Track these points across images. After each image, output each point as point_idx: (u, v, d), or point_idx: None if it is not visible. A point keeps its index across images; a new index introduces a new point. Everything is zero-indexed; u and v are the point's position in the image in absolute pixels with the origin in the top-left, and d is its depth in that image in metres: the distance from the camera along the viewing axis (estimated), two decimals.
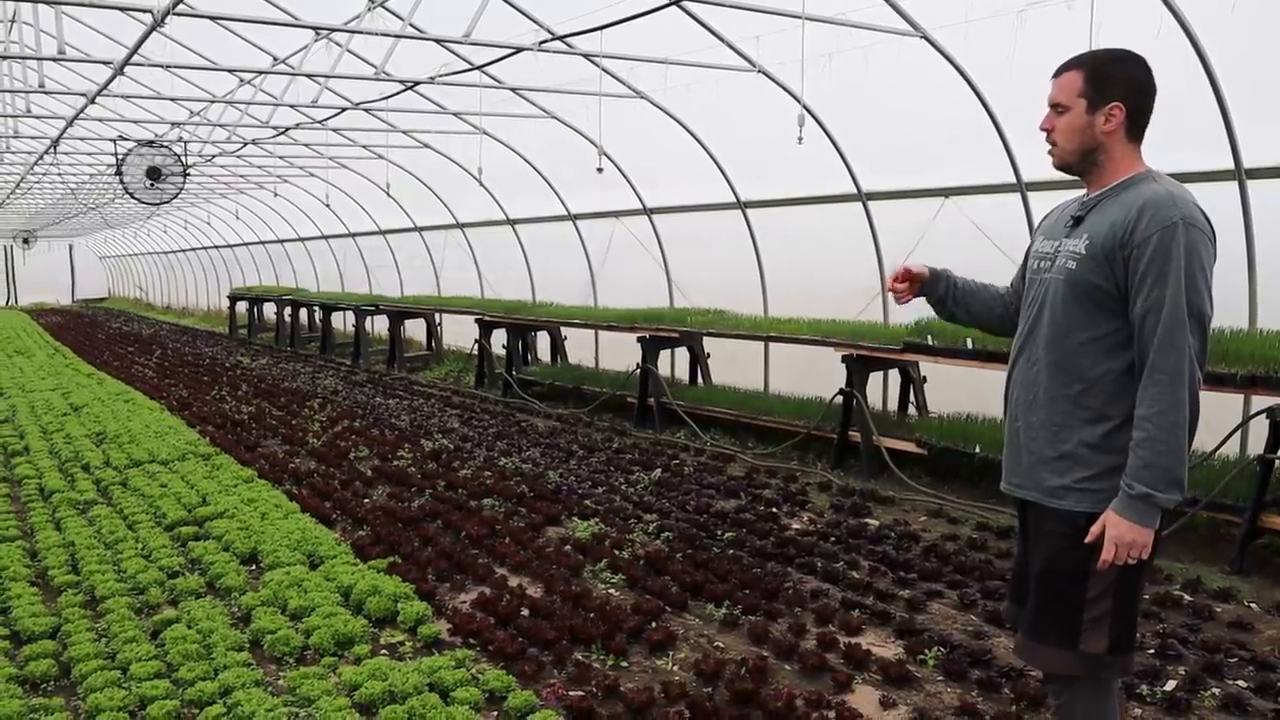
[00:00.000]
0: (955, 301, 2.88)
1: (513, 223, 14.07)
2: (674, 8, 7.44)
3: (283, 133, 12.94)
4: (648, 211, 11.44)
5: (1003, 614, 4.55)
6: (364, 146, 14.28)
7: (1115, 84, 2.44)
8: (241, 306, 22.01)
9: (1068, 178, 2.66)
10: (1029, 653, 2.66)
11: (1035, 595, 2.60)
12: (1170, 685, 3.90)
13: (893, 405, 8.57)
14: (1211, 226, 2.38)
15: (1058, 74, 2.52)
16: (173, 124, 13.07)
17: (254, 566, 5.50)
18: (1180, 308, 2.30)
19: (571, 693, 3.85)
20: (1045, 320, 2.55)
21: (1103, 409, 2.45)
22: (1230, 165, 6.47)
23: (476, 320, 12.58)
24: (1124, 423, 2.43)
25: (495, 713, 3.76)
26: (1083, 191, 2.66)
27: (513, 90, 10.22)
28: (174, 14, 6.34)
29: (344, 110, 11.51)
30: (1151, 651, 4.24)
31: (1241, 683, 3.95)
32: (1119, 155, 2.47)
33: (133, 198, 12.07)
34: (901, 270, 2.87)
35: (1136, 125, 2.47)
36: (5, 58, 8.64)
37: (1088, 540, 2.42)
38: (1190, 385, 2.32)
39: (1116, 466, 2.42)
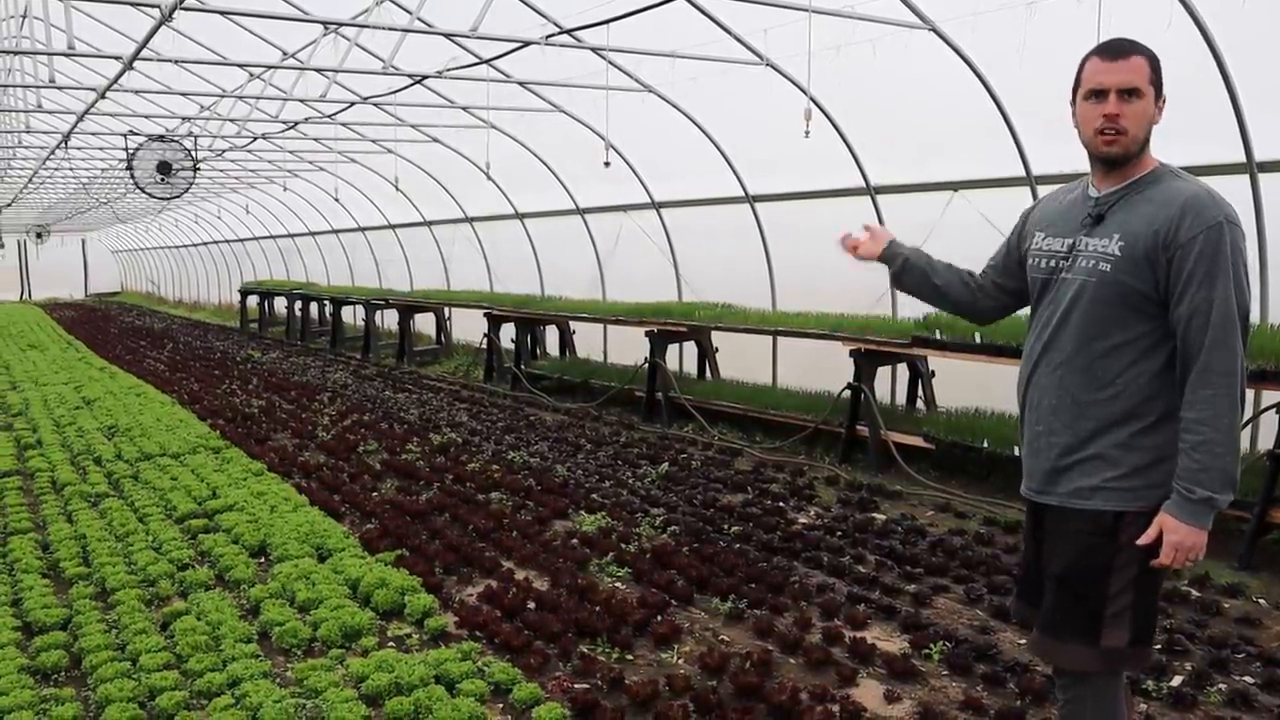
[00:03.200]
0: (909, 279, 2.96)
1: (521, 217, 14.09)
2: (681, 0, 7.43)
3: (292, 127, 12.96)
4: (656, 205, 11.43)
5: (1011, 612, 4.55)
6: (373, 141, 14.31)
7: (1161, 73, 2.37)
8: (252, 301, 22.08)
9: (1078, 170, 2.62)
10: (1048, 650, 2.63)
11: (1055, 594, 2.56)
12: (1176, 681, 3.90)
13: (901, 399, 8.57)
14: (1239, 219, 2.37)
15: (1124, 56, 2.33)
16: (183, 119, 13.12)
17: (263, 559, 5.54)
18: (1230, 308, 2.28)
19: (576, 685, 3.87)
20: (1072, 324, 2.47)
21: (1135, 410, 2.42)
22: (1242, 158, 6.43)
23: (485, 314, 12.59)
24: (1156, 422, 2.41)
25: (500, 705, 3.78)
26: (1068, 184, 2.62)
27: (520, 84, 10.22)
28: (183, 9, 6.36)
29: (352, 105, 11.53)
30: (1158, 647, 4.23)
31: (1248, 678, 3.94)
32: (1149, 147, 2.43)
33: (143, 192, 12.11)
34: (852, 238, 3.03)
35: None
36: (16, 53, 8.67)
37: (1142, 542, 2.39)
38: (1242, 385, 2.32)
39: (1145, 465, 2.42)
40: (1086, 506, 2.48)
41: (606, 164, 9.31)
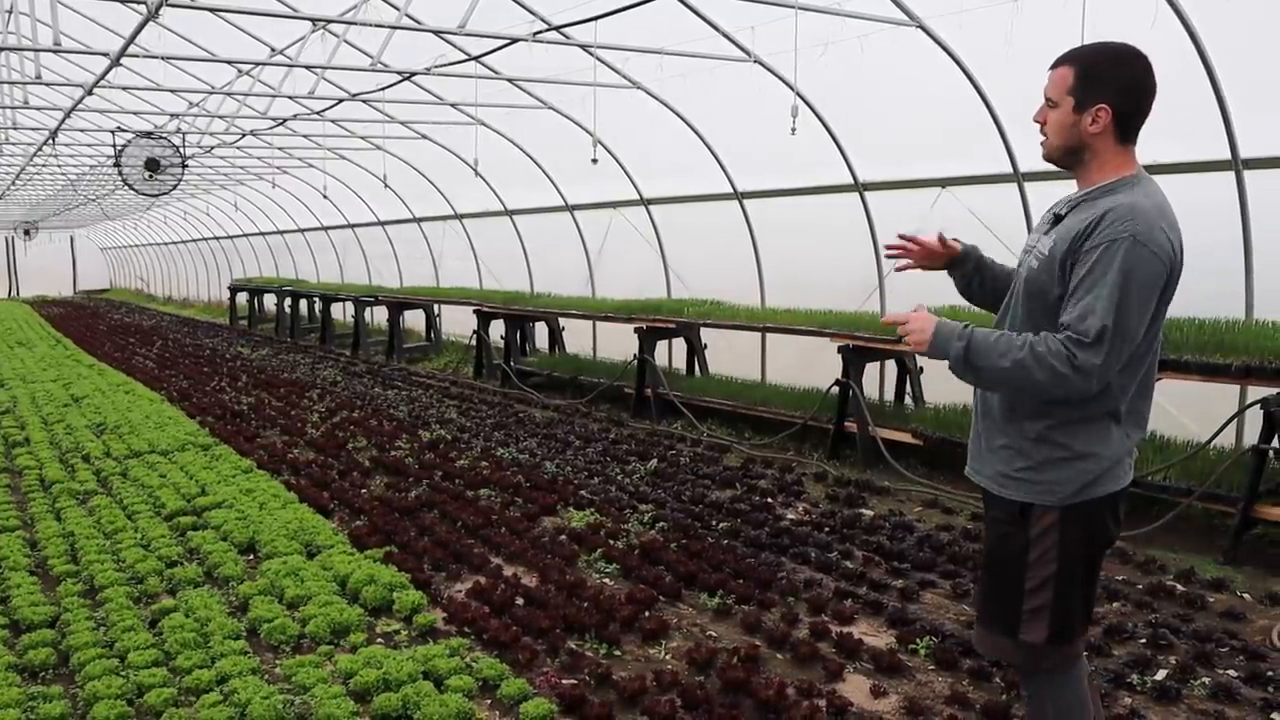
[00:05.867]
0: (981, 283, 2.79)
1: (511, 213, 14.07)
2: None
3: (280, 124, 12.93)
4: (645, 202, 11.44)
5: (975, 601, 4.61)
6: (362, 138, 14.28)
7: (1106, 84, 2.36)
8: (242, 298, 22.02)
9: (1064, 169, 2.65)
10: (979, 638, 2.71)
11: (982, 581, 2.67)
12: (1161, 674, 3.93)
13: (889, 396, 8.59)
14: (1172, 243, 2.32)
15: (1054, 66, 2.45)
16: (171, 115, 13.07)
17: (252, 556, 5.53)
18: (1109, 320, 2.25)
19: (564, 681, 3.88)
20: (1009, 317, 2.56)
21: (1049, 407, 2.44)
22: (1227, 156, 6.46)
23: (475, 311, 12.59)
24: (1073, 422, 2.42)
25: (488, 700, 3.79)
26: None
27: (509, 81, 10.22)
28: (170, 5, 6.34)
29: (341, 101, 11.51)
30: (1143, 641, 4.27)
31: (1232, 672, 3.97)
32: (1106, 156, 2.41)
33: (131, 189, 12.06)
34: (915, 241, 2.76)
35: (1126, 127, 2.39)
36: (2, 49, 8.62)
37: (885, 320, 2.49)
38: (1040, 381, 2.29)
39: (1057, 459, 2.43)
40: (1001, 493, 2.54)
41: (594, 160, 9.32)
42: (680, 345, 10.55)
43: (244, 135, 14.17)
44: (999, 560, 2.57)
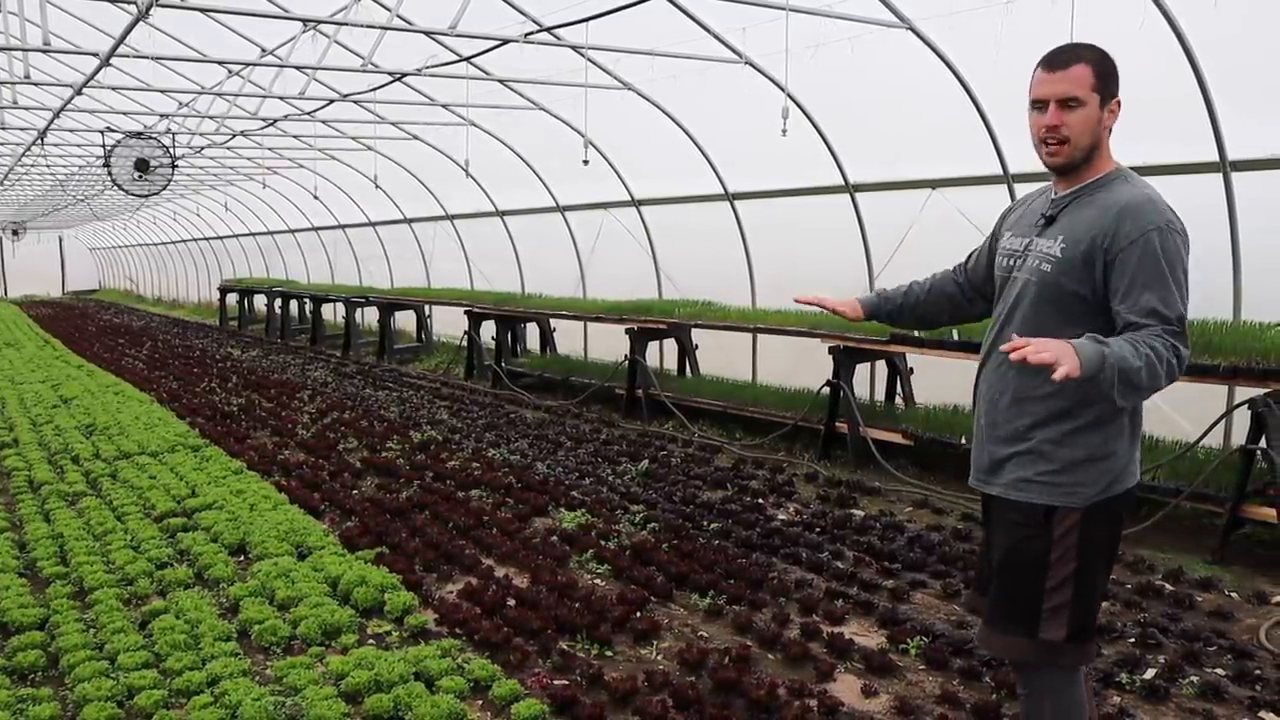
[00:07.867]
0: (901, 317, 3.06)
1: (502, 214, 14.07)
2: None
3: (271, 124, 12.90)
4: (636, 203, 11.45)
5: (964, 602, 4.62)
6: (352, 138, 14.25)
7: (1115, 79, 2.41)
8: (232, 298, 21.96)
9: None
10: (990, 640, 2.70)
11: (996, 584, 2.64)
12: (1150, 673, 3.95)
13: (880, 396, 8.61)
14: (1183, 225, 2.38)
15: (1063, 66, 2.38)
16: (161, 115, 13.03)
17: (242, 557, 5.52)
18: (1177, 311, 2.31)
19: (556, 681, 3.88)
20: (1016, 322, 2.54)
21: (1071, 409, 2.45)
22: (1215, 157, 6.50)
23: (466, 312, 12.58)
24: (1092, 423, 2.44)
25: (480, 701, 3.79)
26: (1043, 185, 2.66)
27: (500, 82, 10.21)
28: (160, 5, 6.33)
29: (332, 102, 11.48)
30: (1132, 640, 4.29)
31: (1220, 671, 3.99)
32: (1105, 151, 2.46)
33: (121, 190, 12.01)
34: (814, 298, 2.93)
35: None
36: None
37: (1006, 351, 2.23)
38: (1170, 377, 2.30)
39: (1078, 461, 2.44)
40: (1021, 498, 2.53)
41: (585, 162, 9.32)
42: (671, 346, 10.57)
43: (234, 136, 14.12)
44: (1018, 563, 2.55)
